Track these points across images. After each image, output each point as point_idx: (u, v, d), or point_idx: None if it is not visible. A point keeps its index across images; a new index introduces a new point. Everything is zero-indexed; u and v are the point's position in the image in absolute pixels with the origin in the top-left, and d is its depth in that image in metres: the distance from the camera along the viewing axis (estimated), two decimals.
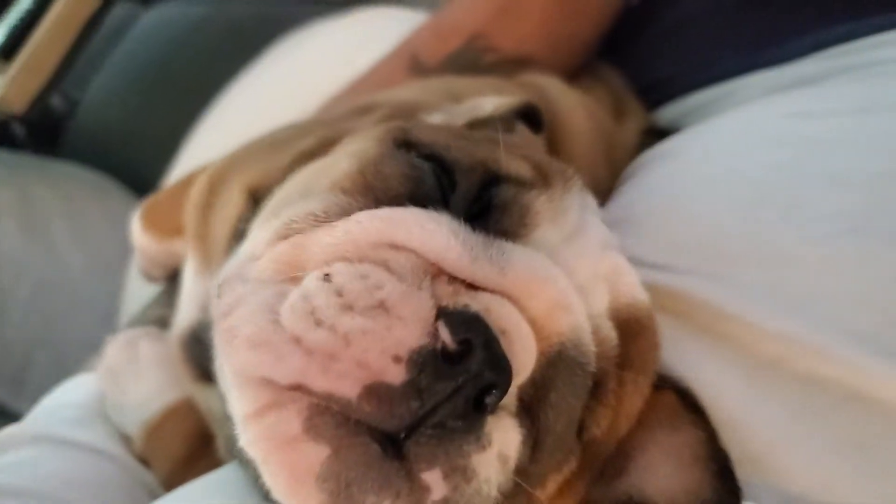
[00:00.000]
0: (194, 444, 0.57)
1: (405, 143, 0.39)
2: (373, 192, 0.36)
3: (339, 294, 0.30)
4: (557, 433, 0.34)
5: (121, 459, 0.58)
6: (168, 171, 1.08)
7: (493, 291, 0.33)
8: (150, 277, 0.78)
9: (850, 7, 0.69)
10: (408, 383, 0.29)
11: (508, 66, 0.77)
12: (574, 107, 0.68)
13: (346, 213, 0.35)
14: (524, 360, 0.32)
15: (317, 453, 0.29)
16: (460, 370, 0.29)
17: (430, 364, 0.29)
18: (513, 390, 0.33)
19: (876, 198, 0.43)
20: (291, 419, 0.29)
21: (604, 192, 0.69)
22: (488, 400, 0.30)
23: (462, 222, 0.34)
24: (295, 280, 0.32)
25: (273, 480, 0.29)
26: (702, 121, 0.69)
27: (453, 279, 0.32)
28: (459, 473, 0.30)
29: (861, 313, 0.38)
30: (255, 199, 0.50)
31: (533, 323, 0.33)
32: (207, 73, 1.19)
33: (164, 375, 0.60)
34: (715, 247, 0.46)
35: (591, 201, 0.44)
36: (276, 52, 1.09)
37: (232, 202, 0.54)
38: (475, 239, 0.33)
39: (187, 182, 0.65)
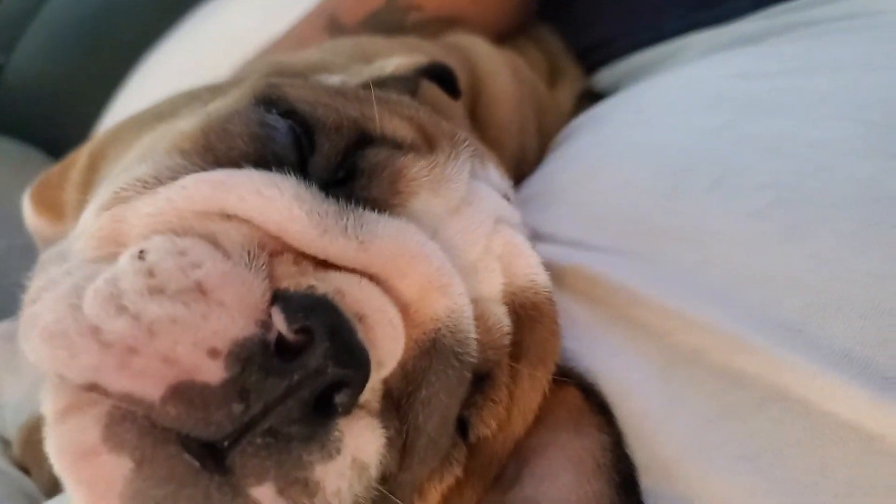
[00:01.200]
0: None
1: (268, 100, 0.33)
2: (213, 153, 0.30)
3: (151, 274, 0.25)
4: (429, 434, 0.29)
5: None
6: None
7: (352, 270, 0.28)
8: None
9: None
10: (228, 382, 0.23)
11: (434, 25, 0.72)
12: (500, 69, 0.63)
13: (178, 176, 0.29)
14: (389, 350, 0.27)
15: (118, 467, 0.23)
16: (296, 366, 0.24)
17: (256, 359, 0.24)
18: (375, 385, 0.28)
19: (810, 167, 0.39)
20: (89, 426, 0.24)
21: (532, 161, 0.65)
22: (338, 399, 0.25)
23: (315, 188, 0.28)
24: (115, 257, 0.27)
25: (76, 497, 0.24)
26: (642, 82, 0.65)
27: (301, 256, 0.27)
28: (299, 487, 0.25)
29: (787, 299, 0.34)
30: None
31: (404, 307, 0.28)
32: (142, 32, 1.11)
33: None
34: (636, 222, 0.42)
35: (490, 171, 0.39)
36: (204, 9, 1.02)
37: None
38: (327, 207, 0.28)
39: (73, 160, 0.59)
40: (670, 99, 0.54)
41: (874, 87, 0.44)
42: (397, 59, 0.46)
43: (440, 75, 0.49)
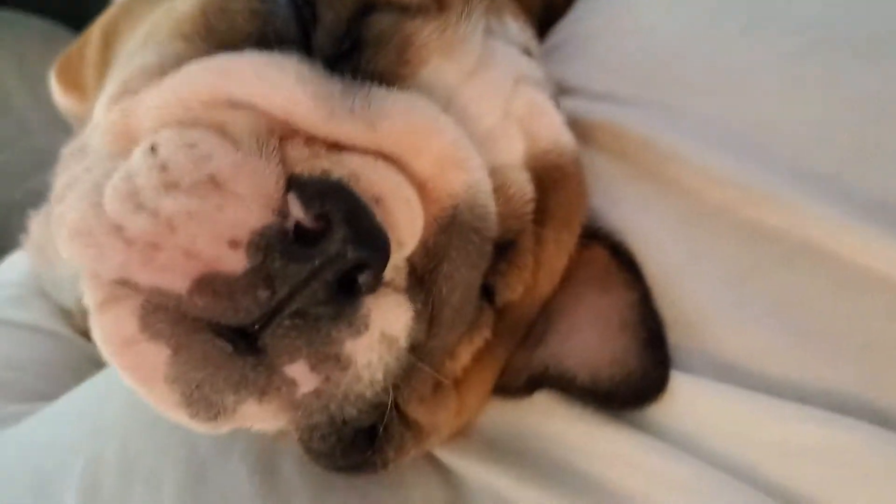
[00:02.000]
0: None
1: None
2: (215, 35, 0.29)
3: (164, 169, 0.25)
4: (454, 306, 0.30)
5: (62, 335, 0.56)
6: None
7: (365, 151, 0.27)
8: None
9: None
10: (251, 271, 0.24)
11: None
12: None
13: (182, 63, 0.28)
14: (409, 230, 0.27)
15: (157, 354, 0.25)
16: (316, 251, 0.24)
17: (277, 246, 0.24)
18: (399, 263, 0.28)
19: (854, 3, 0.36)
20: (126, 317, 0.25)
21: (561, 4, 0.61)
22: (361, 280, 0.26)
23: (320, 66, 0.27)
24: (130, 152, 0.27)
25: (125, 379, 0.26)
26: None
27: (312, 139, 0.27)
28: (331, 362, 0.26)
29: (823, 149, 0.32)
30: None
31: (420, 184, 0.28)
32: None
33: None
34: (665, 70, 0.40)
35: (509, 24, 0.37)
36: None
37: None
38: (331, 87, 0.27)
39: (89, 35, 0.57)
40: None
41: None
42: None
43: None
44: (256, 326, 0.25)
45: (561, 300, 0.35)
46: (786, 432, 0.29)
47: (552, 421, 0.34)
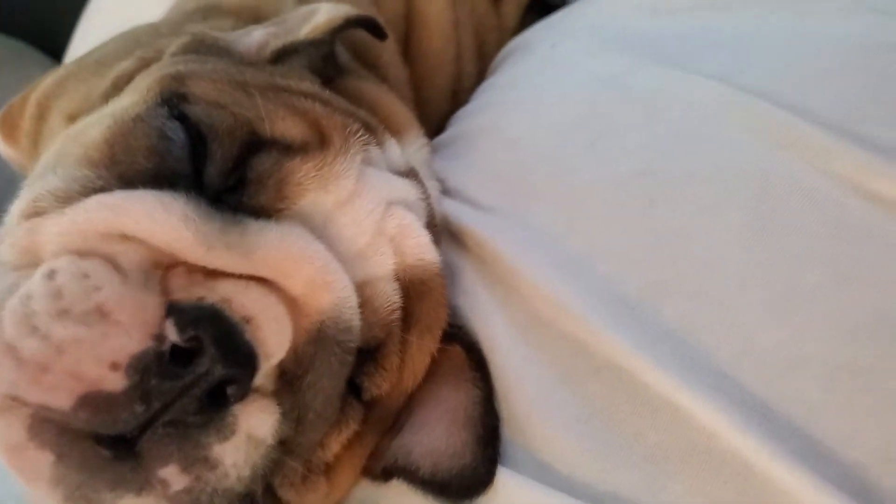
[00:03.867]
0: None
1: (175, 97, 0.36)
2: (118, 167, 0.33)
3: (59, 296, 0.28)
4: (317, 409, 0.34)
5: None
6: None
7: (240, 277, 0.31)
8: None
9: None
10: (129, 389, 0.28)
11: None
12: None
13: (87, 192, 0.32)
14: (277, 343, 0.32)
15: (42, 459, 0.28)
16: (188, 370, 0.29)
17: (153, 367, 0.28)
18: (268, 371, 0.32)
19: (682, 133, 0.41)
20: (16, 426, 0.28)
21: (469, 88, 0.66)
22: (230, 392, 0.30)
23: (204, 202, 0.32)
24: (34, 267, 0.31)
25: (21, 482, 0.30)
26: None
27: (193, 268, 0.31)
28: (200, 464, 0.30)
29: (631, 275, 0.37)
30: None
31: (292, 301, 0.33)
32: None
33: None
34: (516, 178, 0.45)
35: (389, 150, 0.41)
36: None
37: (48, 134, 0.51)
38: (211, 225, 0.31)
39: (25, 98, 0.59)
40: (580, 34, 0.55)
41: (769, 32, 0.45)
42: (327, 7, 0.47)
43: (363, 24, 0.50)
44: (133, 434, 0.29)
45: (420, 394, 0.40)
46: None
47: (405, 501, 0.39)
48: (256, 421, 0.32)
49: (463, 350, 0.40)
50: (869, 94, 0.39)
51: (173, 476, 0.30)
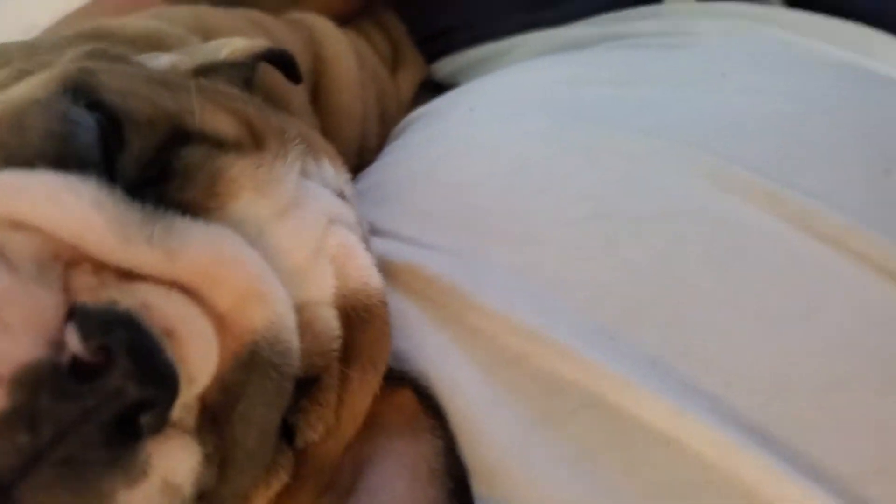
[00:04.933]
0: None
1: (78, 88, 0.30)
2: (4, 149, 0.27)
3: None
4: (249, 448, 0.28)
5: None
6: None
7: (160, 282, 0.26)
8: None
9: None
10: (11, 411, 0.21)
11: (281, 0, 0.69)
12: (344, 52, 0.62)
13: None
14: (201, 365, 0.26)
15: None
16: (93, 387, 0.22)
17: (46, 383, 0.22)
18: (189, 401, 0.26)
19: (624, 180, 0.41)
20: None
21: (373, 148, 0.64)
22: (144, 420, 0.24)
23: (120, 192, 0.26)
24: None
25: None
26: (479, 76, 0.66)
27: (102, 267, 0.25)
28: None
29: (603, 306, 0.35)
30: None
31: (219, 318, 0.27)
32: None
33: None
34: (467, 220, 0.42)
35: (325, 167, 0.38)
36: None
37: None
38: (130, 214, 0.25)
39: None
40: (500, 99, 0.55)
41: (683, 102, 0.47)
42: (237, 40, 0.44)
43: (280, 60, 0.47)
44: (10, 478, 0.22)
45: (369, 447, 0.34)
46: None
47: None
48: (173, 462, 0.25)
49: (414, 395, 0.35)
50: (787, 151, 0.41)
51: None
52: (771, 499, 0.29)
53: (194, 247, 0.26)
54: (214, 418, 0.27)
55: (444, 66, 0.75)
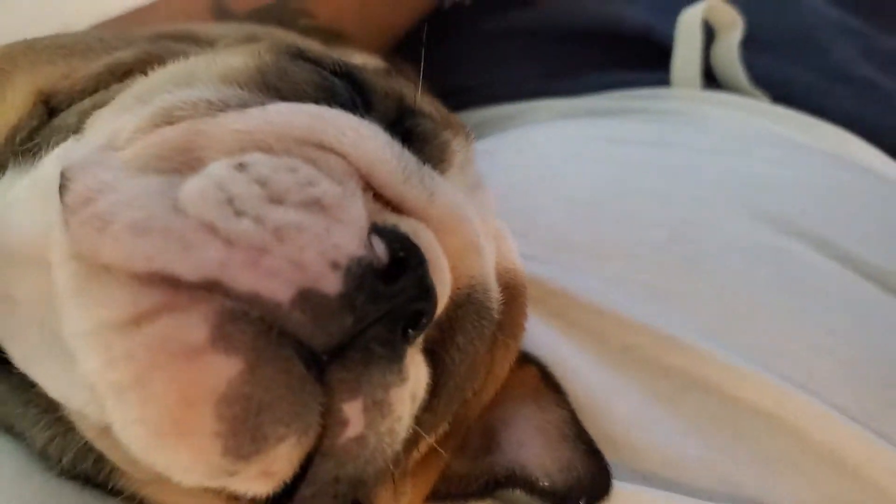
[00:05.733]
0: None
1: (301, 58, 0.34)
2: (275, 92, 0.30)
3: (264, 184, 0.25)
4: (458, 379, 0.31)
5: None
6: None
7: (418, 217, 0.29)
8: None
9: (624, 59, 0.80)
10: (344, 296, 0.24)
11: (322, 36, 0.74)
12: None
13: (247, 105, 0.29)
14: (442, 293, 0.29)
15: (227, 367, 0.23)
16: (394, 291, 0.25)
17: (367, 278, 0.25)
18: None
19: (694, 216, 0.49)
20: (195, 324, 0.22)
21: None
22: (412, 331, 0.27)
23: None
24: (187, 170, 0.26)
25: (143, 412, 0.23)
26: (495, 133, 0.73)
27: (378, 197, 0.29)
28: (377, 408, 0.26)
29: (697, 308, 0.42)
30: (49, 104, 0.40)
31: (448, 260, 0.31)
32: None
33: None
34: (556, 238, 0.48)
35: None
36: None
37: (10, 105, 0.44)
38: (409, 157, 0.30)
39: None
40: (560, 147, 0.62)
41: (720, 163, 0.56)
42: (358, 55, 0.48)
43: None
44: (325, 357, 0.24)
45: (500, 413, 0.38)
46: None
47: None
48: (419, 374, 0.28)
49: (537, 372, 0.39)
50: (821, 206, 0.50)
51: (356, 415, 0.25)
52: (873, 477, 0.35)
53: (444, 196, 0.30)
54: (430, 349, 0.31)
55: (462, 119, 0.82)
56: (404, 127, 0.33)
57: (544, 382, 0.40)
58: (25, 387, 0.34)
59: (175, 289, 0.23)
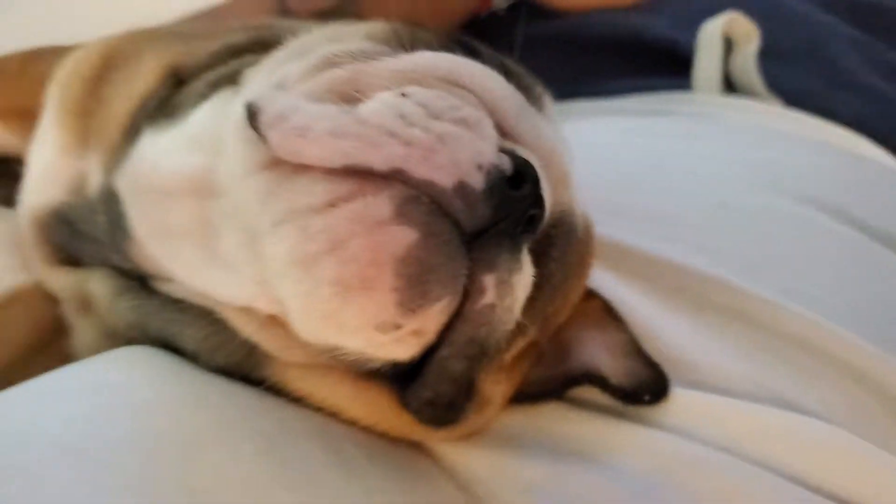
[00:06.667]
0: (42, 334, 0.50)
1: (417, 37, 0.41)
2: (412, 48, 0.38)
3: (425, 107, 0.32)
4: (551, 289, 0.38)
5: None
6: None
7: (529, 148, 0.36)
8: None
9: (648, 67, 0.89)
10: (485, 191, 0.31)
11: None
12: None
13: (391, 55, 0.36)
14: (547, 207, 0.36)
15: (405, 237, 0.30)
16: (518, 196, 0.33)
17: (499, 181, 0.32)
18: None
19: (725, 190, 0.57)
20: (382, 204, 0.30)
21: None
22: (529, 230, 0.34)
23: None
24: (355, 101, 0.33)
25: (337, 273, 0.30)
26: None
27: (499, 130, 0.36)
28: (503, 286, 0.33)
29: (744, 254, 0.50)
30: (177, 78, 0.48)
31: None
32: None
33: (4, 256, 0.51)
34: (605, 204, 0.55)
35: None
36: None
37: (141, 78, 0.51)
38: (522, 98, 0.37)
39: (27, 58, 0.59)
40: (587, 137, 0.70)
41: (745, 153, 0.64)
42: None
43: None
44: (475, 234, 0.32)
45: (569, 335, 0.45)
46: (754, 421, 0.41)
47: (563, 423, 0.42)
48: (527, 271, 0.35)
49: (600, 303, 0.46)
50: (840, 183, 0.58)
51: (490, 287, 0.32)
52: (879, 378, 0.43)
53: (545, 133, 0.38)
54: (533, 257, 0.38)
55: None
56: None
57: (607, 313, 0.47)
58: (169, 303, 0.41)
59: (366, 178, 0.30)
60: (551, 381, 0.44)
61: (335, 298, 0.30)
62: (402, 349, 0.33)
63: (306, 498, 0.32)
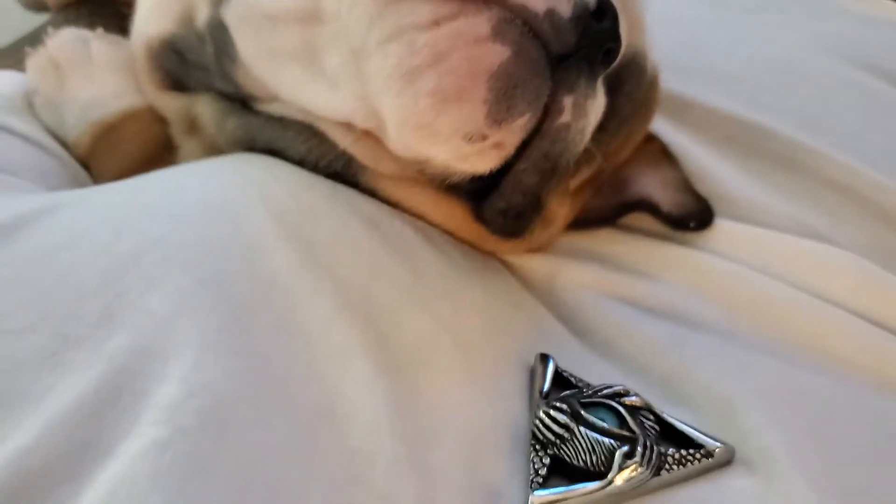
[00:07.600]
0: (153, 149, 0.56)
1: None
2: None
3: None
4: (620, 120, 0.43)
5: (59, 154, 0.55)
6: None
7: None
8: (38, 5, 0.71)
9: None
10: (572, 19, 0.35)
11: None
12: None
13: None
14: (623, 44, 0.40)
15: (499, 52, 0.34)
16: (599, 29, 0.36)
17: (584, 12, 0.36)
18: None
19: (789, 53, 0.60)
20: (481, 23, 0.34)
21: None
22: (604, 62, 0.38)
23: None
24: None
25: (437, 84, 0.34)
26: None
27: None
28: (578, 108, 0.37)
29: (791, 113, 0.54)
30: None
31: None
32: None
33: (121, 80, 0.57)
34: (670, 63, 0.58)
35: None
36: None
37: None
38: None
39: None
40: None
41: (797, 25, 0.67)
42: None
43: None
44: (556, 61, 0.36)
45: (628, 170, 0.50)
46: (788, 247, 0.46)
47: (615, 243, 0.48)
48: (601, 98, 0.40)
49: (661, 146, 0.51)
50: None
51: (568, 106, 0.37)
52: None
53: None
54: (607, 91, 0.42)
55: None
56: None
57: (664, 154, 0.51)
58: (273, 120, 0.46)
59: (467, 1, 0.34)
60: (607, 209, 0.49)
61: (432, 109, 0.35)
62: (484, 161, 0.38)
63: (406, 265, 0.38)
